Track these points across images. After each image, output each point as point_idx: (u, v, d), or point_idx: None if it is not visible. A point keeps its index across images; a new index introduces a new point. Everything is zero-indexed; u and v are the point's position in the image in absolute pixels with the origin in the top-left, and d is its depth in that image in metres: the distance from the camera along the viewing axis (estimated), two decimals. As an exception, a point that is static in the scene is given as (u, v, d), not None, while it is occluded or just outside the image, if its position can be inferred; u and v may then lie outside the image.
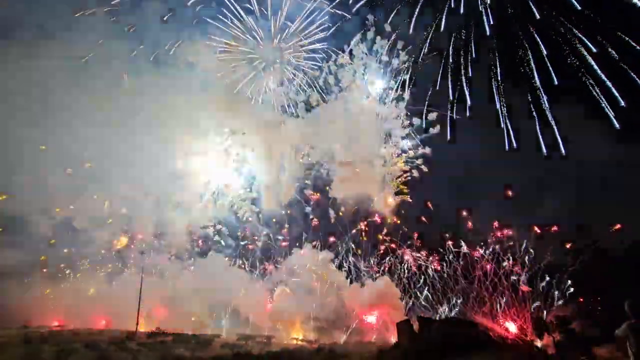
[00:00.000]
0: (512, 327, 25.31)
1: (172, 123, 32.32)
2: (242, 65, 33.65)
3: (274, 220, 35.26)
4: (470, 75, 30.22)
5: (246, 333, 28.34)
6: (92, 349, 18.77)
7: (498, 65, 28.99)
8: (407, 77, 33.30)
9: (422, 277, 31.15)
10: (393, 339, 24.07)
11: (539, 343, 17.68)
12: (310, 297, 30.46)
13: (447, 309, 29.26)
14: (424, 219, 32.80)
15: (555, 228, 28.48)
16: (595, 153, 25.56)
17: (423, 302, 30.37)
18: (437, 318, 25.64)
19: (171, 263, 33.58)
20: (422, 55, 31.71)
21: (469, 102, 30.45)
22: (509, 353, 10.93)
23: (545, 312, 25.40)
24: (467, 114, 30.62)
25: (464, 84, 30.73)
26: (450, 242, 30.99)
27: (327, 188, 34.29)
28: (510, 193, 30.09)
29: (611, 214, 26.06)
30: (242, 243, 35.42)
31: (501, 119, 28.94)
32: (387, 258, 32.57)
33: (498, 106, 28.89)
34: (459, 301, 29.28)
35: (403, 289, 31.07)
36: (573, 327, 18.45)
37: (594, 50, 24.41)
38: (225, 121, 33.96)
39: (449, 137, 31.69)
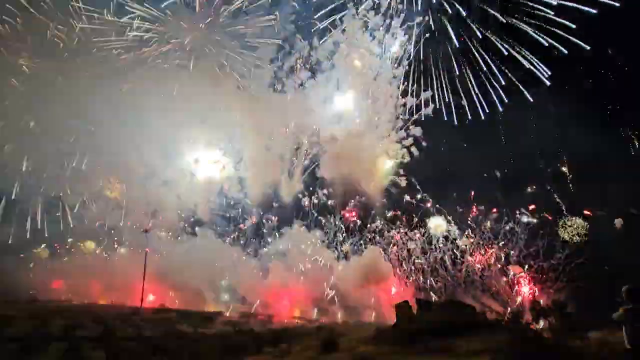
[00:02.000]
0: (508, 310, 25.96)
1: (158, 99, 31.79)
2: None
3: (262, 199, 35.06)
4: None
5: (248, 311, 29.09)
6: (99, 323, 19.27)
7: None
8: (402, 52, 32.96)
9: (412, 258, 31.66)
10: (391, 320, 24.66)
11: (534, 326, 18.09)
12: (303, 276, 31.02)
13: (442, 292, 29.87)
14: (411, 199, 33.12)
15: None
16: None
17: (420, 284, 30.91)
18: (435, 300, 26.03)
19: (166, 240, 33.93)
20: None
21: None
22: (505, 335, 11.15)
23: (540, 296, 25.94)
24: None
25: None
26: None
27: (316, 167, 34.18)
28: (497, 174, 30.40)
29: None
30: (233, 223, 35.59)
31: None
32: (375, 236, 32.89)
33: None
34: (456, 283, 29.92)
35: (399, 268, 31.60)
36: (569, 311, 18.82)
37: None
38: (210, 97, 32.84)
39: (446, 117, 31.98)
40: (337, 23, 32.86)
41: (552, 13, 26.89)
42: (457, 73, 31.39)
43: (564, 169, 29.81)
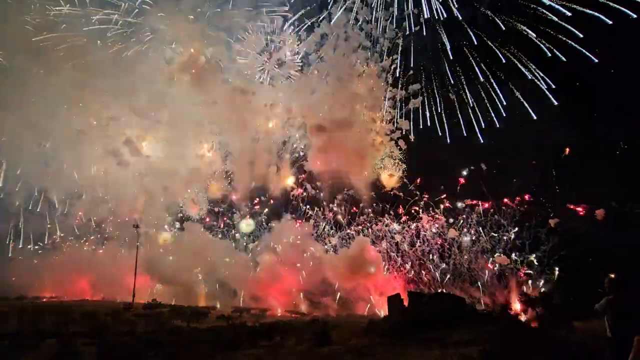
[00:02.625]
0: (497, 302, 26.54)
1: (142, 94, 31.48)
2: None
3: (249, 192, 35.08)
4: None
5: (240, 306, 29.17)
6: (91, 319, 19.15)
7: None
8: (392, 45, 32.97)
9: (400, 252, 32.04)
10: (383, 312, 25.01)
11: (522, 317, 18.57)
12: (294, 270, 31.15)
13: (432, 284, 30.34)
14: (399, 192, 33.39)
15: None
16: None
17: (409, 275, 31.31)
18: (427, 293, 26.41)
19: (154, 235, 33.76)
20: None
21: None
22: (494, 326, 11.45)
23: (527, 287, 26.56)
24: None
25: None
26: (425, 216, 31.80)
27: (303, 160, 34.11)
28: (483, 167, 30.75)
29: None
30: (221, 217, 35.63)
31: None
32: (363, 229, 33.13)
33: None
34: (443, 276, 30.40)
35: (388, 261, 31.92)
36: (555, 302, 19.33)
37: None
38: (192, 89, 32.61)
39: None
40: (325, 15, 32.82)
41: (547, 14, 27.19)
42: (447, 68, 31.72)
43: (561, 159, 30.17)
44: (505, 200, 30.27)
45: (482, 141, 31.21)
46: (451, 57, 31.11)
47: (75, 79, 29.58)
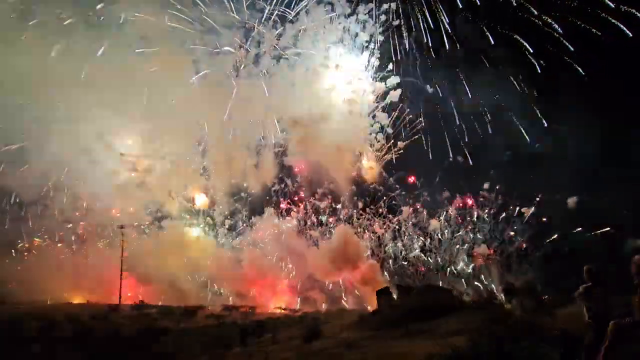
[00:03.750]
0: (483, 292, 27.20)
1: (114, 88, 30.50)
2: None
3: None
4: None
5: (229, 304, 29.02)
6: (75, 322, 18.71)
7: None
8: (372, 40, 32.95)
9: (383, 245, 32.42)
10: (371, 306, 25.29)
11: (508, 306, 19.03)
12: (279, 266, 31.14)
13: (417, 277, 30.89)
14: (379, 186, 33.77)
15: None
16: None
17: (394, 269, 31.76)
18: (415, 285, 26.83)
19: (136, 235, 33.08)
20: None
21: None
22: (481, 315, 11.73)
23: (512, 279, 27.31)
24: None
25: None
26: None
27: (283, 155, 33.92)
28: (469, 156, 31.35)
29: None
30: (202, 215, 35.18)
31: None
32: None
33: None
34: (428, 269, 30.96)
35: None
36: (538, 291, 19.90)
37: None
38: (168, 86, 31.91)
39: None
40: (302, 9, 32.67)
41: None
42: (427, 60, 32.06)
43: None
44: (481, 192, 31.14)
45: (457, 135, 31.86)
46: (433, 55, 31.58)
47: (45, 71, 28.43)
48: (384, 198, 33.32)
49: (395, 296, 18.89)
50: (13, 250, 31.69)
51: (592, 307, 5.38)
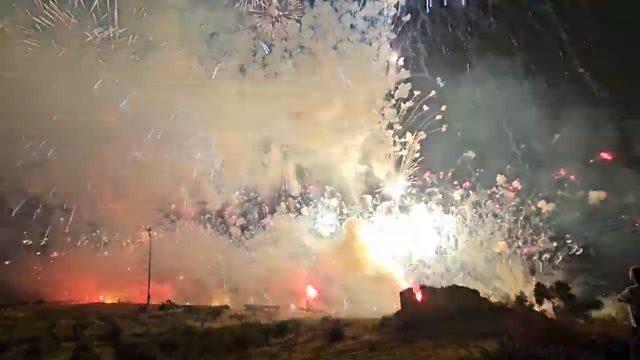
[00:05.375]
0: (511, 294, 26.15)
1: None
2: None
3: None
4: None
5: (252, 303, 29.31)
6: (107, 322, 19.42)
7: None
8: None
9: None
10: (396, 307, 24.83)
11: (538, 308, 18.23)
12: (297, 265, 31.04)
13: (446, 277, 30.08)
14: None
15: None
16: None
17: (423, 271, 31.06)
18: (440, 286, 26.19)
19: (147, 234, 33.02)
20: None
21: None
22: (510, 318, 11.22)
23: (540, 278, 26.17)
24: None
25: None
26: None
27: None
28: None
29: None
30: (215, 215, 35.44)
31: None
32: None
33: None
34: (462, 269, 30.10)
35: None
36: (571, 292, 18.94)
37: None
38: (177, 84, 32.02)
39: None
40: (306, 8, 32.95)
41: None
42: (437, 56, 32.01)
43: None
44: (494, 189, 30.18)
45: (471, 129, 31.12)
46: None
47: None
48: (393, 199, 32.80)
49: (419, 297, 18.46)
50: (49, 252, 33.18)
51: (638, 311, 4.98)
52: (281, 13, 33.38)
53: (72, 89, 29.76)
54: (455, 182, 31.86)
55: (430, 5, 31.26)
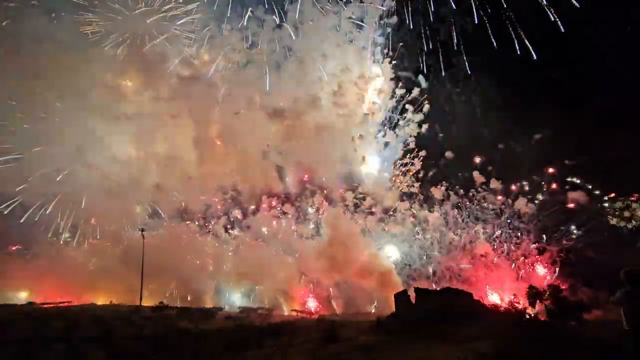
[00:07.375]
0: (505, 297, 26.32)
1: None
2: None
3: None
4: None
5: (246, 305, 29.16)
6: (99, 323, 19.18)
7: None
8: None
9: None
10: (389, 309, 24.87)
11: (530, 311, 18.41)
12: (286, 266, 30.90)
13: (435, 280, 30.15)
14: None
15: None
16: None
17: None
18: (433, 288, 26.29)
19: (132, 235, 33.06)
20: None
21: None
22: (502, 321, 11.34)
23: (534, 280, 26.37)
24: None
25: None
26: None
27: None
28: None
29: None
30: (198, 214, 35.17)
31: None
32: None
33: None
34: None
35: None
36: (564, 295, 19.16)
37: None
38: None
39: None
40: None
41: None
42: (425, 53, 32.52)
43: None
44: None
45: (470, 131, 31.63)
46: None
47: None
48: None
49: (413, 299, 18.53)
50: (42, 252, 32.60)
51: (631, 313, 4.99)
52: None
53: None
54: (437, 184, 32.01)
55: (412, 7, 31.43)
